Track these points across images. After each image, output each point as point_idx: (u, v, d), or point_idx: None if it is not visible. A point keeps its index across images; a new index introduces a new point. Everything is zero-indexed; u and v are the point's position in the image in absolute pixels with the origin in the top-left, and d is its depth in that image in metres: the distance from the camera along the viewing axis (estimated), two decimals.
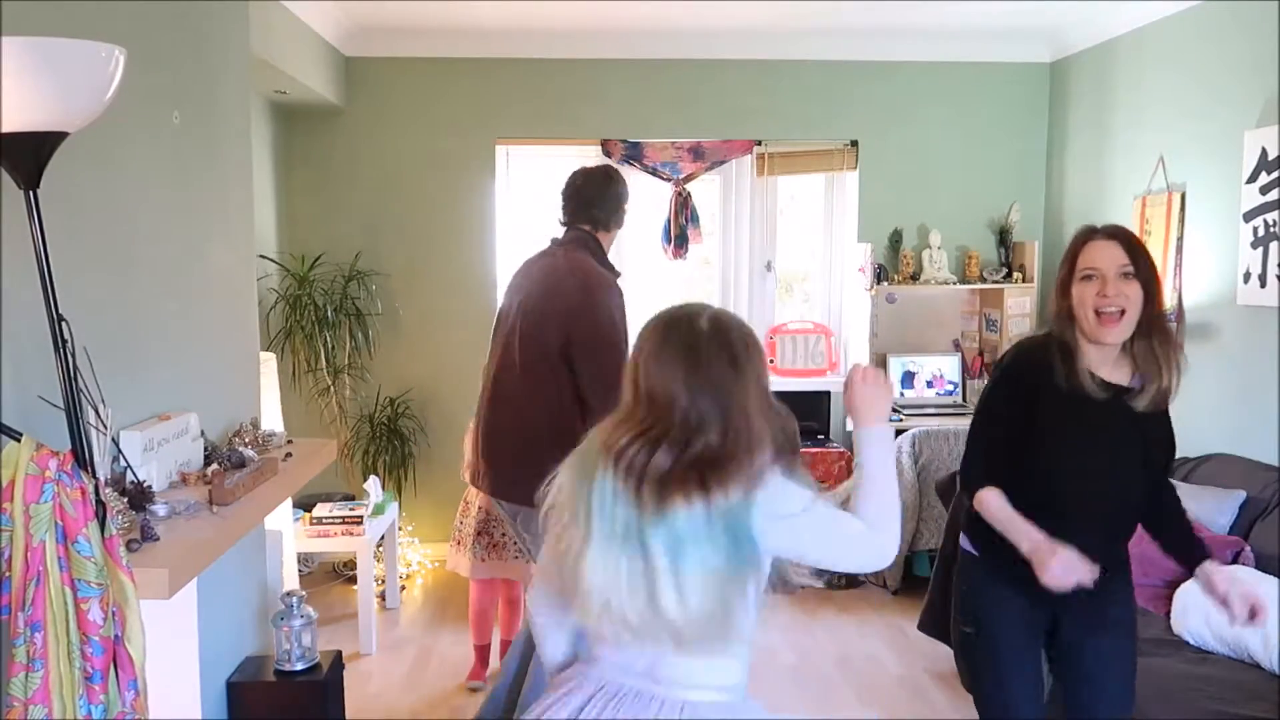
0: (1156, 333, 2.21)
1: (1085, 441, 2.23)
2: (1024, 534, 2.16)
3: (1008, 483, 2.23)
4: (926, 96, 5.35)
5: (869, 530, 1.72)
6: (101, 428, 1.86)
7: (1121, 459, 2.24)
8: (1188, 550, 2.34)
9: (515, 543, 3.74)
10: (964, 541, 2.40)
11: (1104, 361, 2.23)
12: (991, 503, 2.23)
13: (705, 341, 1.64)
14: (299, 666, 2.73)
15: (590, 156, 5.43)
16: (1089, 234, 2.22)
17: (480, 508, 3.85)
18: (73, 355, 1.66)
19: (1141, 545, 3.49)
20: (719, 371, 1.62)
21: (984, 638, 2.33)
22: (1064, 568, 2.08)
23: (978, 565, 2.35)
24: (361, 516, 4.33)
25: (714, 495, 1.59)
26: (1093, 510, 2.24)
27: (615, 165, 5.32)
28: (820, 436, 5.33)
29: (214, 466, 2.35)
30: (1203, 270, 4.10)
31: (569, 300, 2.98)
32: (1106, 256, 2.17)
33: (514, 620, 4.00)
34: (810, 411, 5.31)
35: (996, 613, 2.30)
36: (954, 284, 5.27)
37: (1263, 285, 3.70)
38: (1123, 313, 2.16)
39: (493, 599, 3.95)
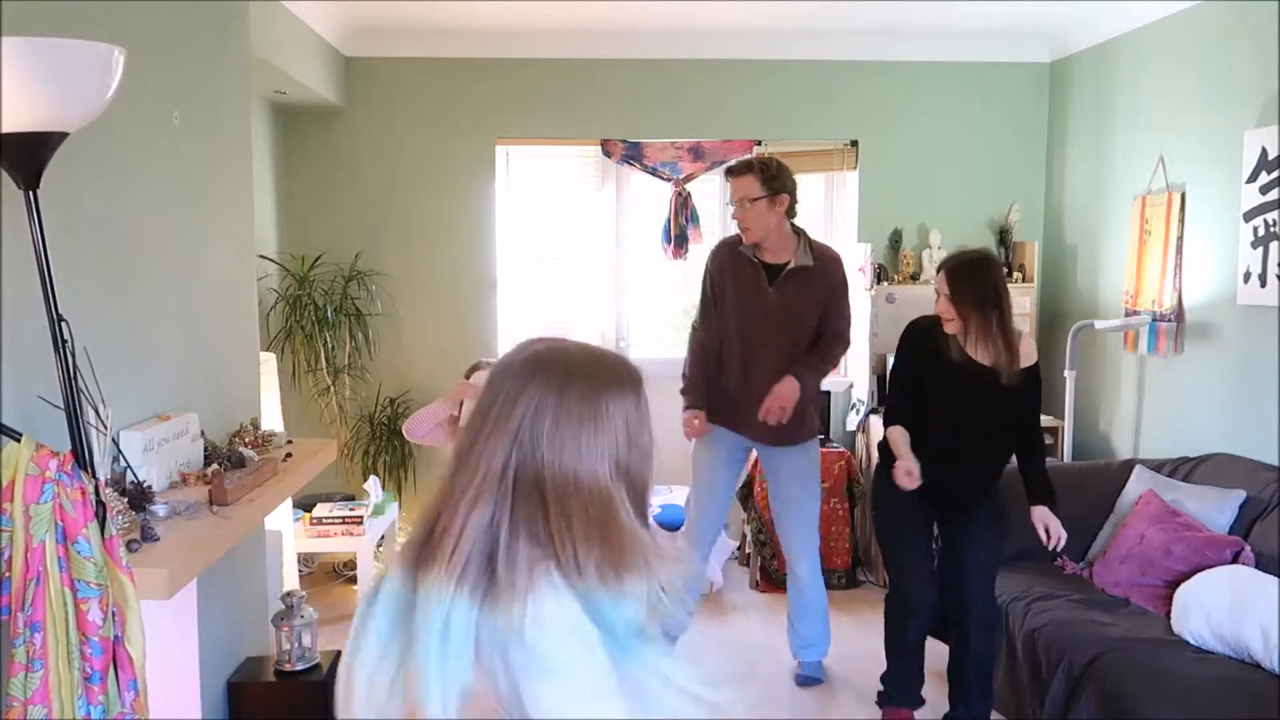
0: (1002, 331, 3.14)
1: (952, 397, 3.22)
2: (900, 455, 3.25)
3: (911, 423, 3.30)
4: (926, 96, 5.35)
5: None
6: (101, 428, 1.86)
7: (980, 411, 3.20)
8: (1033, 485, 3.25)
9: None
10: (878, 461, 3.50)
11: (968, 344, 3.18)
12: (894, 435, 3.31)
13: None
14: (299, 666, 2.73)
15: (590, 156, 5.44)
16: (942, 265, 3.26)
17: None
18: (73, 355, 1.66)
19: (1142, 545, 3.50)
20: None
21: (884, 519, 3.45)
22: (901, 473, 3.21)
23: (881, 473, 3.41)
24: (361, 516, 4.33)
25: None
26: (961, 446, 3.24)
27: (615, 165, 5.36)
28: (821, 436, 5.31)
29: (214, 466, 2.35)
30: (1203, 270, 4.10)
31: None
32: (942, 285, 3.20)
33: None
34: None
35: (892, 501, 3.34)
36: None
37: (1263, 285, 3.70)
38: (951, 321, 3.18)
39: None
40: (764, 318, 3.67)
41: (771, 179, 3.61)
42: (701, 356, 3.81)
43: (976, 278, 3.13)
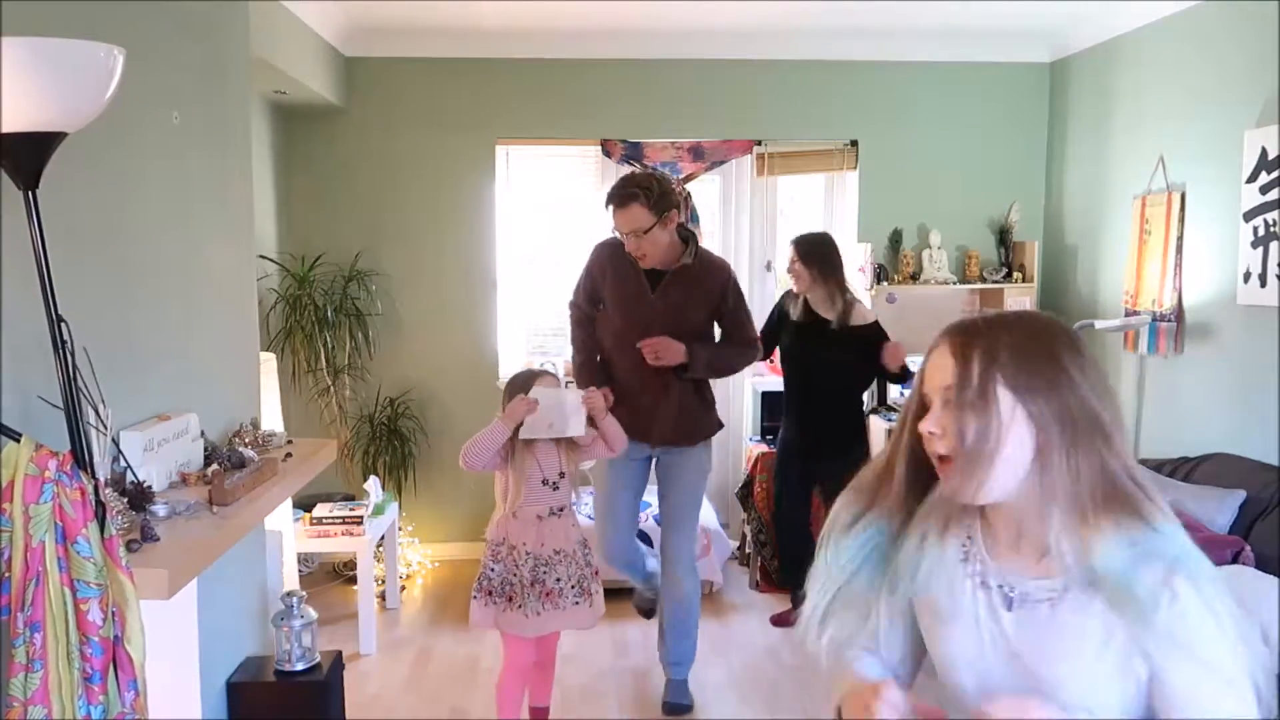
0: (840, 291, 4.21)
1: (799, 346, 4.30)
2: None
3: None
4: (926, 96, 5.35)
5: None
6: (101, 428, 1.86)
7: (826, 358, 4.18)
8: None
9: (574, 587, 3.22)
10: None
11: (817, 303, 4.24)
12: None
13: None
14: (299, 666, 2.73)
15: (590, 156, 5.44)
16: (794, 244, 4.28)
17: (529, 553, 3.17)
18: (72, 355, 1.66)
19: None
20: None
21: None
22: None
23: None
24: (361, 516, 4.33)
25: None
26: (815, 389, 4.29)
27: (615, 165, 5.36)
28: None
29: (214, 467, 2.35)
30: (1203, 270, 4.10)
31: None
32: (793, 254, 4.25)
33: (546, 684, 3.44)
34: None
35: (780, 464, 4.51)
36: (954, 284, 5.27)
37: (1263, 285, 3.70)
38: (800, 279, 4.23)
39: (529, 662, 3.30)
40: (649, 323, 3.53)
41: (658, 201, 3.43)
42: (582, 342, 3.74)
43: (815, 247, 4.25)
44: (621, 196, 3.46)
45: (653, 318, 3.54)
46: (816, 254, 4.18)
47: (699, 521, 3.86)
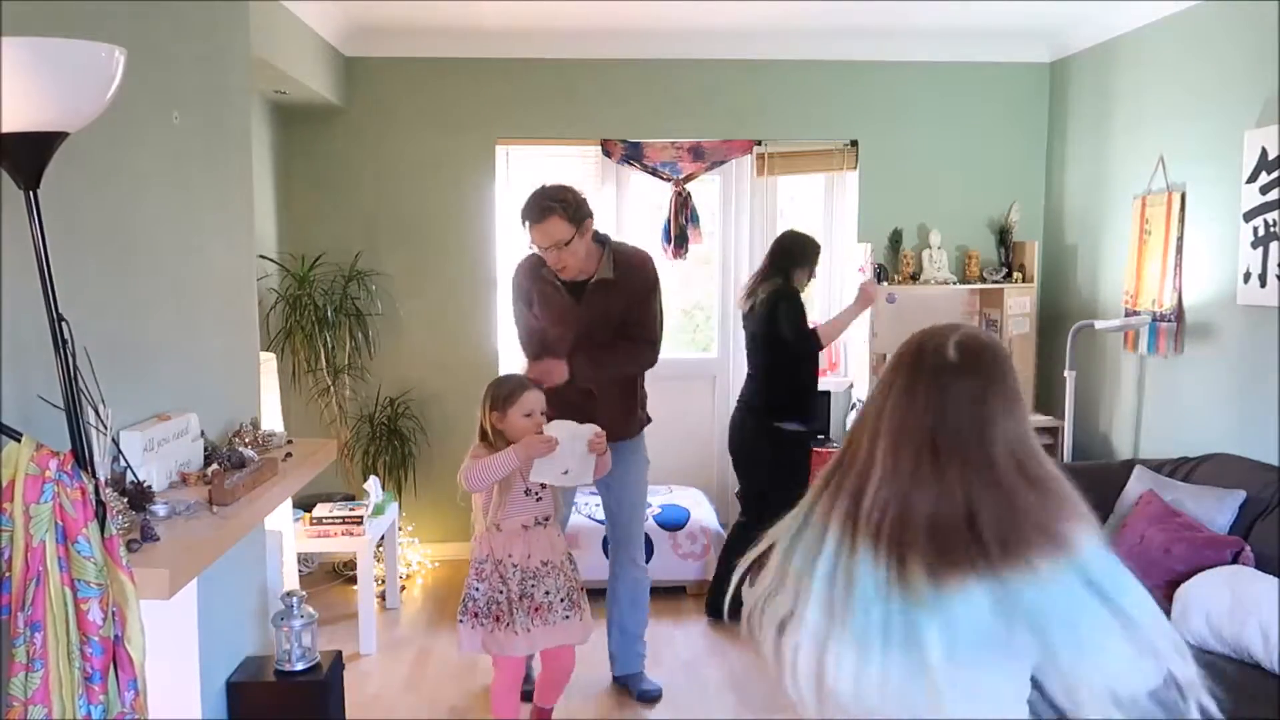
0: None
1: None
2: None
3: None
4: (926, 96, 5.35)
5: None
6: (101, 428, 1.86)
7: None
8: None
9: (564, 600, 3.14)
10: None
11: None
12: None
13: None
14: (299, 666, 2.73)
15: (590, 156, 5.44)
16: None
17: (515, 566, 3.09)
18: (73, 355, 1.66)
19: (1142, 545, 3.50)
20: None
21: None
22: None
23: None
24: (361, 516, 4.33)
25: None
26: None
27: (615, 165, 5.36)
28: (821, 436, 5.31)
29: (214, 466, 2.35)
30: (1203, 270, 4.10)
31: None
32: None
33: (556, 690, 3.39)
34: None
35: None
36: (954, 284, 5.27)
37: (1263, 285, 3.70)
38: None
39: (521, 674, 3.27)
40: (578, 335, 3.50)
41: (575, 211, 3.41)
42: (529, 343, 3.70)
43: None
44: (539, 210, 3.41)
45: (580, 329, 3.50)
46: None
47: (644, 513, 3.85)
